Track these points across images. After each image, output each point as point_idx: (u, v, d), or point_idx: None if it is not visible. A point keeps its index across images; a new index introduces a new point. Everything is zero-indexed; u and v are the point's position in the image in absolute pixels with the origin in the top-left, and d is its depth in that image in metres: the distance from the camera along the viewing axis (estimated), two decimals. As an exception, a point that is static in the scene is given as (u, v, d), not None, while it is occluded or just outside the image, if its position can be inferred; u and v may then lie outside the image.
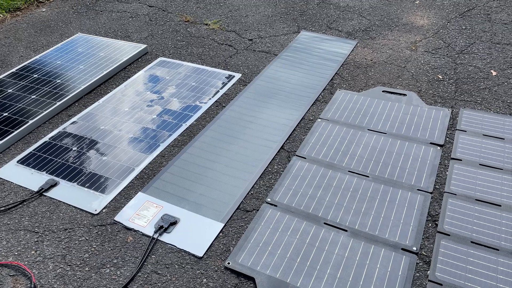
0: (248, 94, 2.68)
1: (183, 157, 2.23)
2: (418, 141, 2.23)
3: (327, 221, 1.84)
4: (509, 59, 2.82)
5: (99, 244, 1.82)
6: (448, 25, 3.28)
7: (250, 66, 2.97)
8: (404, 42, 3.12)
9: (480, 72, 2.72)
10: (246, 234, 1.80)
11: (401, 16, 3.46)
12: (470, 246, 1.69)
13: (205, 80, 2.83)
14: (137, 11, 3.82)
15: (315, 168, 2.12)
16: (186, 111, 2.56)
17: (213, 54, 3.13)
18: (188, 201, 1.97)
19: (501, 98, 2.48)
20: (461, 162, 2.07)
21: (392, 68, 2.84)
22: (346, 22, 3.44)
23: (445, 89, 2.60)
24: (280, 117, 2.47)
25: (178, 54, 3.15)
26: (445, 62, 2.85)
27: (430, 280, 1.58)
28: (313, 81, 2.77)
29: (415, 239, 1.74)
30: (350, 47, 3.10)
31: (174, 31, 3.47)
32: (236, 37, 3.32)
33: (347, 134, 2.31)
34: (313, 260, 1.68)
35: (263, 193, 2.01)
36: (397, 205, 1.89)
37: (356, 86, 2.71)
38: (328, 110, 2.50)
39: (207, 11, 3.75)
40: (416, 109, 2.45)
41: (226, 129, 2.40)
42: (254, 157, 2.20)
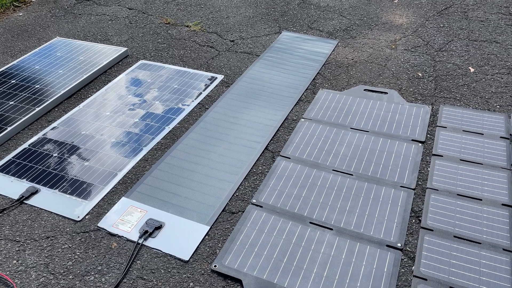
0: (231, 95, 2.67)
1: (166, 160, 2.21)
2: (400, 138, 2.25)
3: (312, 221, 1.85)
4: (486, 56, 2.88)
5: (83, 251, 1.79)
6: (426, 24, 3.33)
7: (233, 67, 2.97)
8: (384, 41, 3.15)
9: (458, 69, 2.77)
10: (232, 236, 1.80)
11: (380, 15, 3.50)
12: (453, 240, 1.72)
13: (187, 82, 2.81)
14: (116, 14, 3.78)
15: (300, 168, 2.12)
16: (168, 114, 2.54)
17: (195, 56, 3.12)
18: (172, 205, 1.96)
19: (479, 94, 2.53)
20: (442, 158, 2.11)
21: (373, 66, 2.87)
22: (326, 22, 3.46)
23: (425, 87, 2.64)
24: (263, 118, 2.47)
25: (159, 57, 3.13)
26: (425, 60, 2.90)
27: (415, 275, 1.60)
28: (295, 81, 2.78)
29: (399, 236, 1.76)
30: (331, 46, 3.12)
31: (154, 33, 3.44)
32: (217, 39, 3.31)
33: (331, 133, 2.33)
34: (300, 260, 1.69)
35: (248, 194, 2.01)
36: (381, 202, 1.91)
37: (338, 85, 2.73)
38: (311, 110, 2.51)
39: (187, 13, 3.73)
40: (397, 106, 2.48)
41: (210, 131, 2.39)
42: (238, 159, 2.20)
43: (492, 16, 3.35)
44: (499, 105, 2.44)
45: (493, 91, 2.55)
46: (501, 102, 2.46)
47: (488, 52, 2.92)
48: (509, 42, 3.00)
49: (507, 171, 2.00)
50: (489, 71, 2.73)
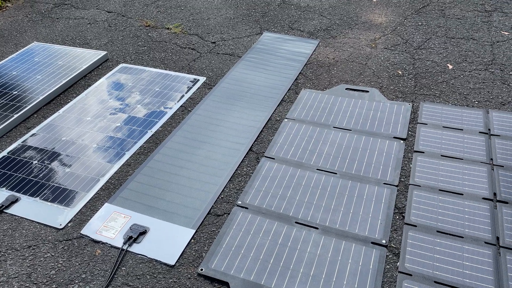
0: (213, 97, 2.66)
1: (150, 164, 2.19)
2: (382, 136, 2.28)
3: (298, 220, 1.86)
4: (464, 53, 2.94)
5: (66, 260, 1.75)
6: (405, 22, 3.38)
7: (215, 69, 2.95)
8: (364, 40, 3.19)
9: (437, 66, 2.82)
10: (218, 238, 1.79)
11: (360, 15, 3.53)
12: (436, 235, 1.74)
13: (169, 85, 2.79)
14: (95, 17, 3.73)
15: (284, 168, 2.13)
16: (151, 117, 2.52)
17: (176, 58, 3.09)
18: (157, 209, 1.94)
19: (458, 91, 2.58)
20: (424, 154, 2.14)
21: (354, 65, 2.90)
22: (307, 22, 3.48)
23: (405, 84, 2.68)
24: (247, 119, 2.47)
25: (140, 60, 3.10)
26: (404, 58, 2.94)
27: (400, 271, 1.62)
28: (278, 82, 2.79)
29: (383, 232, 1.78)
30: (313, 46, 3.14)
31: (134, 36, 3.40)
32: (198, 41, 3.30)
33: (314, 132, 2.34)
34: (286, 260, 1.69)
35: (233, 196, 2.01)
36: (365, 200, 1.93)
37: (320, 85, 2.74)
38: (294, 110, 2.52)
39: (168, 15, 3.70)
40: (378, 104, 2.51)
41: (193, 134, 2.38)
42: (222, 161, 2.19)
43: (468, 14, 3.42)
44: (477, 101, 2.49)
45: (471, 87, 2.60)
46: (479, 98, 2.51)
47: (466, 49, 2.97)
48: (485, 39, 3.07)
49: (486, 166, 2.04)
50: (467, 68, 2.78)
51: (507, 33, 3.13)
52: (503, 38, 3.07)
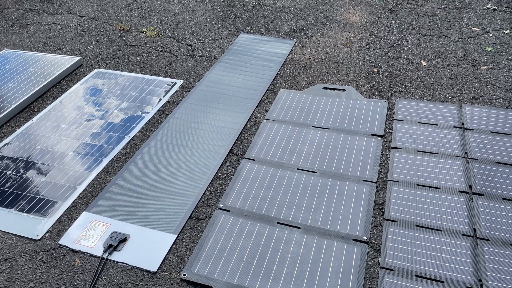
0: (191, 100, 2.64)
1: (128, 170, 2.15)
2: (360, 134, 2.31)
3: (280, 221, 1.86)
4: (436, 49, 3.00)
5: (44, 271, 1.71)
6: (378, 21, 3.43)
7: (192, 71, 2.94)
8: (339, 39, 3.22)
9: (411, 63, 2.87)
10: (200, 243, 1.77)
11: (334, 14, 3.57)
12: (416, 229, 1.77)
13: (146, 89, 2.76)
14: (67, 22, 3.65)
15: (265, 169, 2.13)
16: (128, 122, 2.48)
17: (152, 61, 3.06)
18: (137, 216, 1.91)
19: (432, 87, 2.64)
20: (401, 150, 2.18)
21: (330, 65, 2.92)
22: (283, 23, 3.50)
23: (381, 82, 2.72)
24: (226, 121, 2.46)
25: (115, 64, 3.05)
26: (379, 56, 2.98)
27: (382, 267, 1.64)
28: (256, 83, 2.79)
29: (364, 229, 1.80)
30: (289, 47, 3.15)
31: (109, 40, 3.35)
32: (174, 43, 3.27)
33: (293, 132, 2.35)
34: (269, 261, 1.69)
35: (214, 199, 1.99)
36: (345, 197, 1.94)
37: (298, 84, 2.76)
38: (272, 111, 2.52)
39: (142, 19, 3.66)
40: (355, 103, 2.54)
41: (172, 138, 2.35)
42: (202, 164, 2.17)
43: (439, 11, 3.50)
44: (451, 96, 2.55)
45: (444, 83, 2.66)
46: (453, 93, 2.57)
47: (438, 46, 3.04)
48: (456, 35, 3.14)
49: (461, 159, 2.09)
50: (440, 64, 2.84)
51: (477, 29, 3.21)
52: (474, 34, 3.15)
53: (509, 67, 2.76)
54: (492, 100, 2.49)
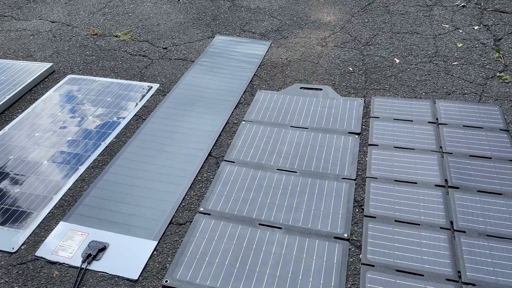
0: (168, 104, 2.61)
1: (105, 177, 2.11)
2: (338, 132, 2.33)
3: (261, 222, 1.86)
4: (409, 47, 3.06)
5: (21, 285, 1.66)
6: (352, 20, 3.48)
7: (168, 75, 2.91)
8: (314, 39, 3.25)
9: (385, 61, 2.92)
10: (182, 248, 1.76)
11: (309, 14, 3.60)
12: (395, 225, 1.80)
13: (121, 94, 2.71)
14: (38, 28, 3.56)
15: (245, 170, 2.12)
16: (104, 128, 2.43)
17: (127, 66, 3.02)
18: (116, 224, 1.88)
19: (406, 84, 2.68)
20: (378, 147, 2.21)
21: (306, 64, 2.94)
22: (258, 24, 3.50)
23: (356, 80, 2.75)
24: (204, 124, 2.44)
25: (89, 70, 2.99)
26: (354, 54, 3.02)
27: (363, 263, 1.66)
28: (233, 85, 2.78)
29: (345, 226, 1.81)
30: (265, 47, 3.16)
31: (81, 46, 3.28)
32: (149, 47, 3.23)
33: (272, 133, 2.35)
34: (252, 263, 1.69)
35: (195, 203, 1.98)
36: (325, 196, 1.96)
37: (275, 85, 2.76)
38: (251, 112, 2.52)
39: (115, 23, 3.60)
40: (332, 101, 2.56)
41: (149, 143, 2.32)
42: (181, 168, 2.15)
43: (411, 9, 3.57)
44: (424, 92, 2.60)
45: (418, 79, 2.72)
46: (426, 89, 2.62)
47: (411, 43, 3.10)
48: (428, 32, 3.21)
49: (436, 154, 2.13)
50: (413, 61, 2.90)
51: (447, 25, 3.29)
52: (444, 30, 3.23)
53: (479, 62, 2.84)
54: (464, 94, 2.56)
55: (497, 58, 2.87)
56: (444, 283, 1.57)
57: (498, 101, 2.49)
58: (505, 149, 2.13)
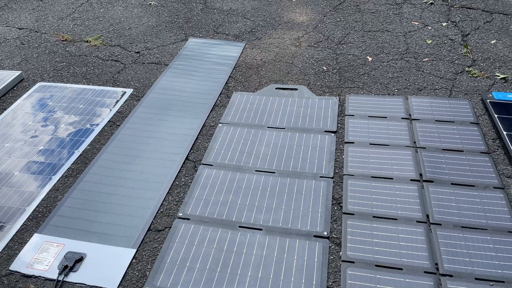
0: (143, 109, 2.58)
1: (80, 186, 2.06)
2: (314, 131, 2.34)
3: (241, 224, 1.85)
4: (381, 45, 3.11)
5: (-5, 302, 1.60)
6: (324, 19, 3.51)
7: (141, 79, 2.87)
8: (288, 39, 3.26)
9: (358, 60, 2.96)
10: (162, 254, 1.73)
11: (282, 15, 3.62)
12: (373, 220, 1.82)
13: (94, 101, 2.66)
14: (5, 35, 3.46)
15: (223, 173, 2.11)
16: (77, 136, 2.38)
17: (99, 71, 2.96)
18: (93, 233, 1.84)
19: (379, 81, 2.73)
20: (354, 144, 2.23)
21: (281, 65, 2.96)
22: (231, 25, 3.49)
23: (331, 79, 2.78)
24: (180, 128, 2.42)
25: (59, 77, 2.92)
26: (327, 54, 3.05)
27: (343, 260, 1.68)
28: (208, 87, 2.77)
29: (324, 224, 1.83)
30: (239, 49, 3.16)
31: (51, 52, 3.20)
32: (121, 51, 3.18)
33: (249, 134, 2.35)
34: (233, 266, 1.68)
35: (173, 208, 1.95)
36: (304, 195, 1.97)
37: (251, 86, 2.76)
38: (227, 114, 2.51)
39: (86, 28, 3.53)
40: (308, 101, 2.58)
41: (125, 149, 2.28)
42: (159, 173, 2.13)
43: (381, 7, 3.63)
44: (397, 89, 2.65)
45: (390, 76, 2.77)
46: (398, 86, 2.67)
47: (382, 41, 3.15)
48: (398, 30, 3.27)
49: (411, 149, 2.17)
50: (385, 59, 2.95)
51: (417, 23, 3.36)
52: (414, 28, 3.30)
53: (448, 58, 2.91)
54: (435, 90, 2.62)
55: (465, 53, 2.95)
56: (422, 275, 1.60)
57: (468, 95, 2.56)
58: (476, 142, 2.19)
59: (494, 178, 1.98)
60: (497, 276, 1.59)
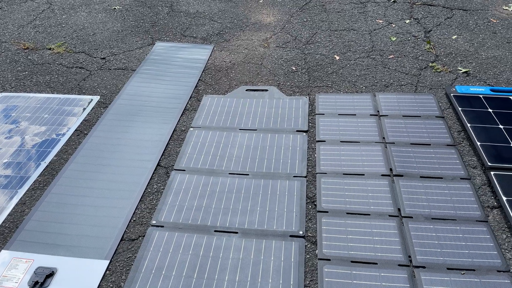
0: (110, 116, 2.52)
1: (48, 199, 2.00)
2: (286, 131, 2.36)
3: (217, 228, 1.84)
4: (347, 43, 3.16)
5: (-40, 325, 1.53)
6: (291, 20, 3.54)
7: (108, 86, 2.80)
8: (256, 40, 3.27)
9: (326, 59, 3.00)
10: (136, 264, 1.70)
11: (249, 16, 3.62)
12: (347, 217, 1.85)
13: (59, 110, 2.58)
14: (-39, 44, 3.31)
15: (196, 178, 2.09)
16: (43, 147, 2.30)
17: (64, 79, 2.87)
18: (63, 246, 1.78)
19: (347, 79, 2.77)
20: (325, 142, 2.26)
21: (250, 66, 2.96)
22: (199, 28, 3.47)
23: (300, 79, 2.80)
24: (150, 134, 2.38)
25: (22, 86, 2.82)
26: (296, 54, 3.07)
27: (320, 258, 1.69)
28: (178, 91, 2.73)
29: (300, 224, 1.84)
30: (208, 52, 3.14)
31: (12, 61, 3.09)
32: (86, 58, 3.10)
33: (221, 137, 2.34)
34: (210, 271, 1.66)
35: (146, 216, 1.92)
36: (279, 196, 1.97)
37: (221, 89, 2.75)
38: (198, 118, 2.49)
39: (48, 35, 3.42)
40: (278, 101, 2.59)
41: (93, 158, 2.22)
42: (130, 181, 2.08)
43: (346, 7, 3.69)
44: (365, 86, 2.69)
45: (357, 74, 2.81)
46: (366, 83, 2.72)
47: (348, 40, 3.20)
48: (364, 29, 3.34)
49: (380, 144, 2.22)
50: (352, 57, 3.00)
51: (381, 21, 3.44)
52: (379, 26, 3.37)
53: (412, 54, 2.99)
54: (401, 86, 2.68)
55: (428, 49, 3.04)
56: (396, 268, 1.64)
57: (432, 89, 2.63)
58: (442, 135, 2.26)
59: (460, 169, 2.05)
60: (467, 264, 1.64)
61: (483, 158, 2.08)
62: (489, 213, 1.86)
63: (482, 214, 1.83)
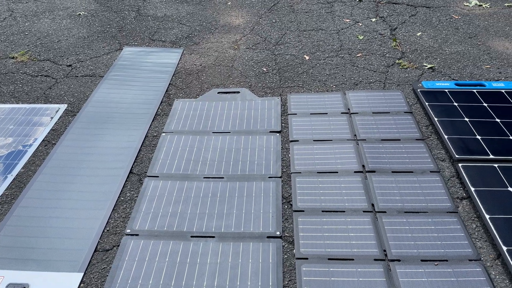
0: (79, 124, 2.46)
1: (16, 213, 1.92)
2: (259, 133, 2.36)
3: (193, 234, 1.82)
4: (316, 43, 3.20)
5: None
6: (260, 21, 3.55)
7: (75, 93, 2.73)
8: (226, 42, 3.26)
9: (296, 59, 3.02)
10: (111, 275, 1.66)
11: (218, 19, 3.61)
12: (322, 215, 1.87)
13: (24, 120, 2.50)
14: None
15: (170, 183, 2.07)
16: (9, 160, 2.22)
17: (28, 89, 2.78)
18: (34, 261, 1.72)
19: (317, 78, 2.80)
20: (299, 142, 2.27)
21: (221, 69, 2.95)
22: (167, 32, 3.43)
23: (271, 80, 2.81)
24: (121, 141, 2.33)
25: (-16, 97, 2.71)
26: (266, 55, 3.08)
27: (297, 257, 1.70)
28: (148, 96, 2.69)
29: (276, 224, 1.84)
30: (178, 55, 3.11)
31: (-28, 71, 2.97)
32: (52, 66, 3.01)
33: (194, 141, 2.32)
34: (188, 278, 1.64)
35: (120, 226, 1.88)
36: (255, 197, 1.97)
37: (192, 92, 2.73)
38: (170, 122, 2.46)
39: (10, 43, 3.31)
40: (250, 103, 2.59)
41: (62, 169, 2.16)
42: (101, 191, 2.03)
43: (314, 7, 3.73)
44: (335, 85, 2.73)
45: (327, 73, 2.85)
46: (336, 82, 2.76)
47: (317, 39, 3.24)
48: (332, 28, 3.38)
49: (352, 142, 2.25)
50: (321, 56, 3.03)
51: (348, 20, 3.50)
52: (346, 25, 3.42)
53: (379, 52, 3.05)
54: (370, 83, 2.73)
55: (395, 46, 3.11)
56: (372, 263, 1.66)
57: (400, 86, 2.70)
58: (411, 130, 2.31)
59: (430, 162, 2.10)
60: (440, 255, 1.68)
61: (451, 150, 2.15)
62: (458, 204, 1.91)
63: (452, 205, 1.88)
